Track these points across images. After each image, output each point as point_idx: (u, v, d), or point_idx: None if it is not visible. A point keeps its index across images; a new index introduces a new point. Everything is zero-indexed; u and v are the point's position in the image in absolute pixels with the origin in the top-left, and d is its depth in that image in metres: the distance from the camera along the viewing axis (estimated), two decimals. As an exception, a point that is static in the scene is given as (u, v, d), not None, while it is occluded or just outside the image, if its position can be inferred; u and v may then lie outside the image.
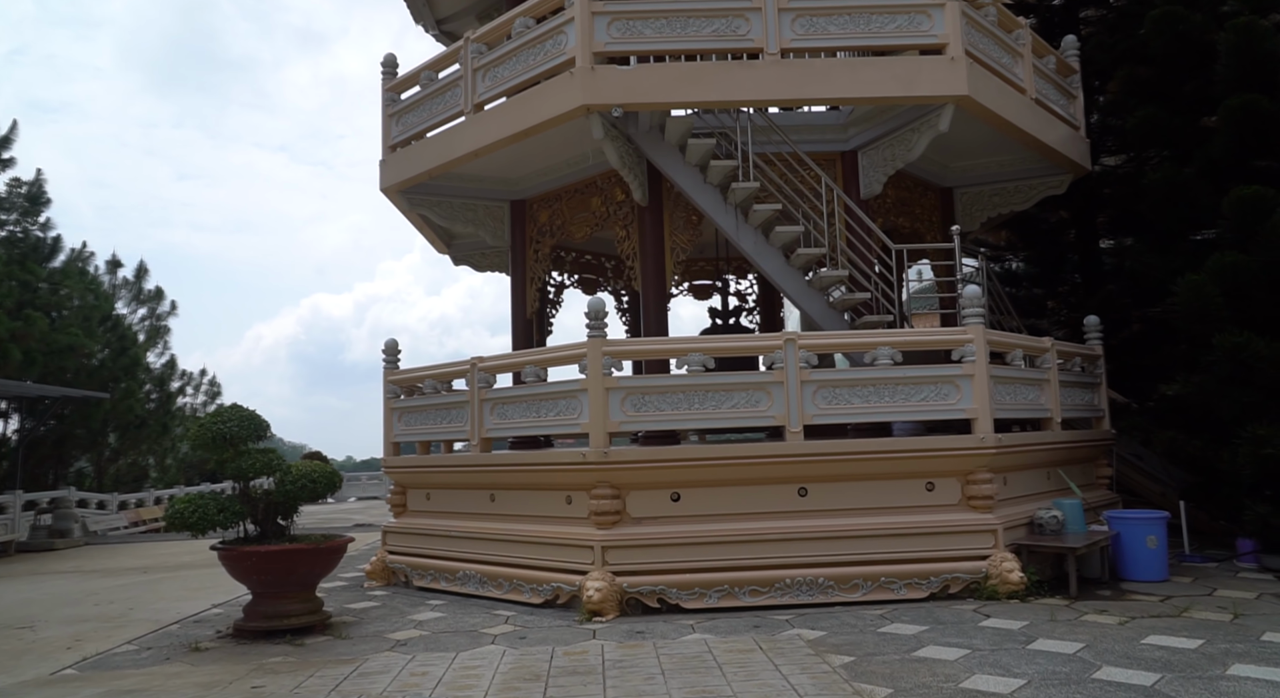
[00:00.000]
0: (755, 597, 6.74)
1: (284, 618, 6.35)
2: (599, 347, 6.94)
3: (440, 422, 8.40)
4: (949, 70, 7.41)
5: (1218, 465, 8.02)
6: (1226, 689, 4.31)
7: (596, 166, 9.03)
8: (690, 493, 6.98)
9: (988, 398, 7.00)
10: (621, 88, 7.33)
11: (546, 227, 9.71)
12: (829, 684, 4.58)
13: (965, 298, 7.20)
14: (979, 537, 6.89)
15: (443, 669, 5.23)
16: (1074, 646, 5.21)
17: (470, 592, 7.71)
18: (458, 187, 9.65)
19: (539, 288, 9.97)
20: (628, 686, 4.69)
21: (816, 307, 7.84)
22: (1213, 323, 7.86)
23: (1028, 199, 9.85)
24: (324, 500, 22.83)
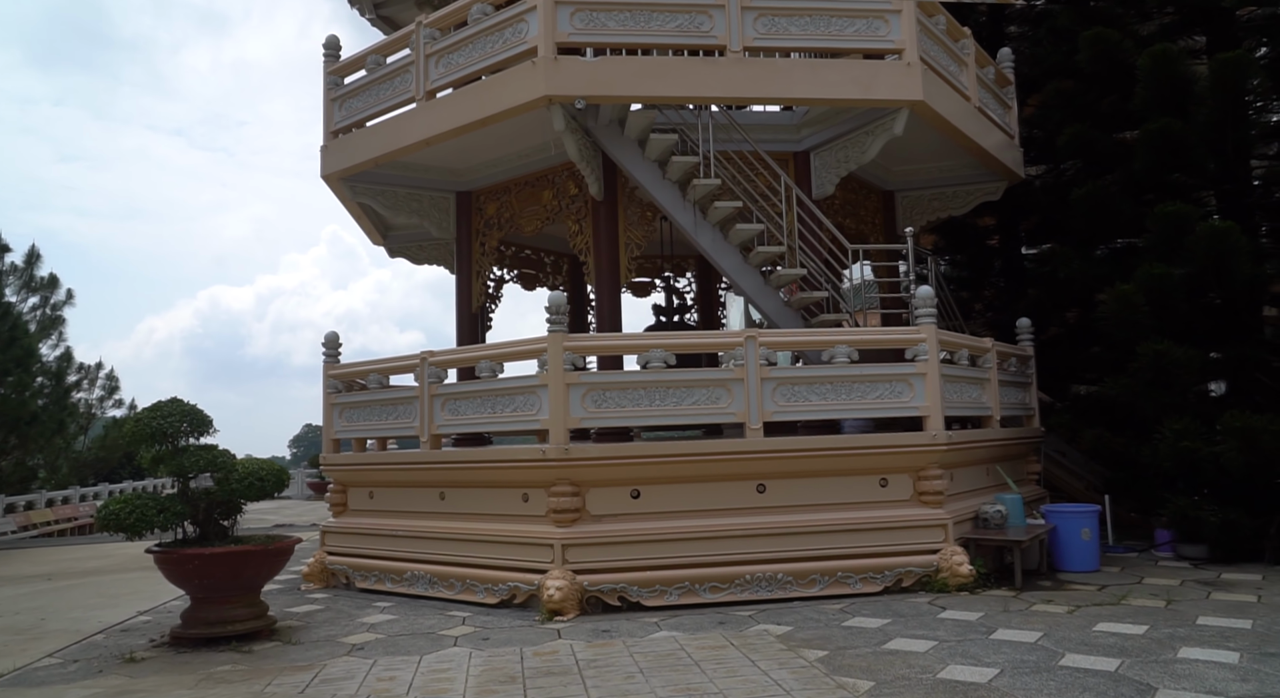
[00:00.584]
0: (716, 594, 6.75)
1: (228, 624, 6.02)
2: (560, 341, 6.83)
3: (386, 418, 8.12)
4: (905, 75, 7.59)
5: (1139, 461, 8.47)
6: (1182, 672, 4.53)
7: (549, 159, 8.89)
8: (650, 490, 6.94)
9: (939, 396, 7.20)
10: (585, 80, 7.23)
11: (494, 219, 9.52)
12: (811, 679, 4.61)
13: (918, 298, 7.39)
14: (930, 531, 7.08)
15: (410, 674, 5.04)
16: (1033, 635, 5.39)
17: (419, 593, 7.48)
18: (403, 176, 9.36)
19: (485, 282, 9.76)
20: (609, 685, 4.62)
21: (772, 304, 7.91)
22: (1138, 329, 8.29)
23: (965, 204, 10.19)
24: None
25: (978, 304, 13.04)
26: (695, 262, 13.32)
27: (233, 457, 6.35)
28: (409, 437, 8.37)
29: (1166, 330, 8.18)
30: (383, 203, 9.35)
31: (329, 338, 8.72)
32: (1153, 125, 8.49)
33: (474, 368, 8.29)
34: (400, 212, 9.46)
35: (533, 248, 12.14)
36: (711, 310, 13.30)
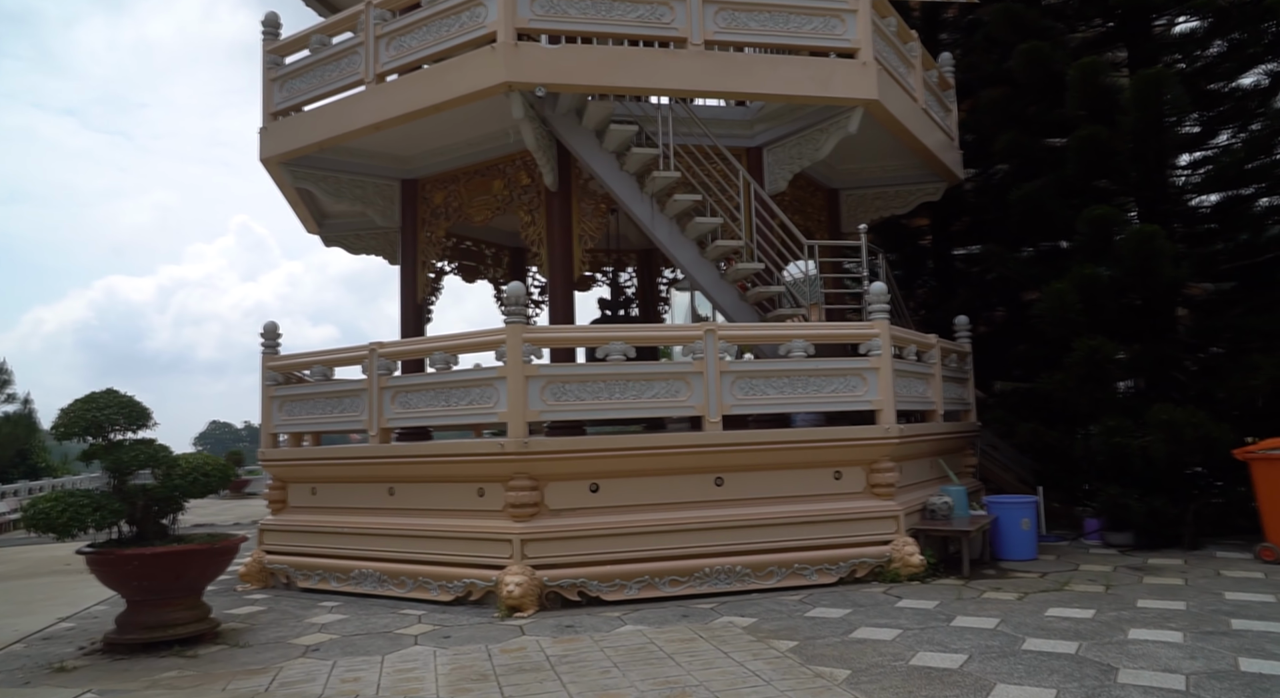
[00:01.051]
0: (675, 587, 6.74)
1: (169, 628, 5.70)
2: (519, 333, 6.70)
3: (330, 411, 7.84)
4: (861, 74, 7.71)
5: (1071, 453, 8.83)
6: (1136, 651, 4.73)
7: (500, 148, 8.73)
8: (609, 484, 6.88)
9: (891, 390, 7.35)
10: (546, 67, 7.11)
11: (441, 209, 9.28)
12: (787, 669, 4.64)
13: (872, 294, 7.53)
14: (883, 523, 7.22)
15: (375, 674, 4.87)
16: (991, 621, 5.55)
17: (368, 592, 7.24)
18: (347, 161, 9.04)
19: (432, 272, 9.51)
20: (587, 681, 4.55)
21: (728, 298, 7.94)
22: (1071, 327, 8.64)
23: (907, 204, 10.44)
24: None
25: (911, 302, 13.40)
26: (637, 256, 13.30)
27: (172, 452, 6.02)
28: (354, 431, 8.11)
29: (1096, 328, 8.55)
30: (325, 189, 9.01)
31: (268, 329, 8.36)
32: (1083, 132, 8.85)
33: (421, 361, 8.12)
34: (344, 198, 9.13)
35: (474, 239, 11.91)
36: (653, 305, 13.30)
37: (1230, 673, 4.31)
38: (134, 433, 5.97)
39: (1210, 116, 9.65)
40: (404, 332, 9.51)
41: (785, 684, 4.34)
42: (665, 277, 13.55)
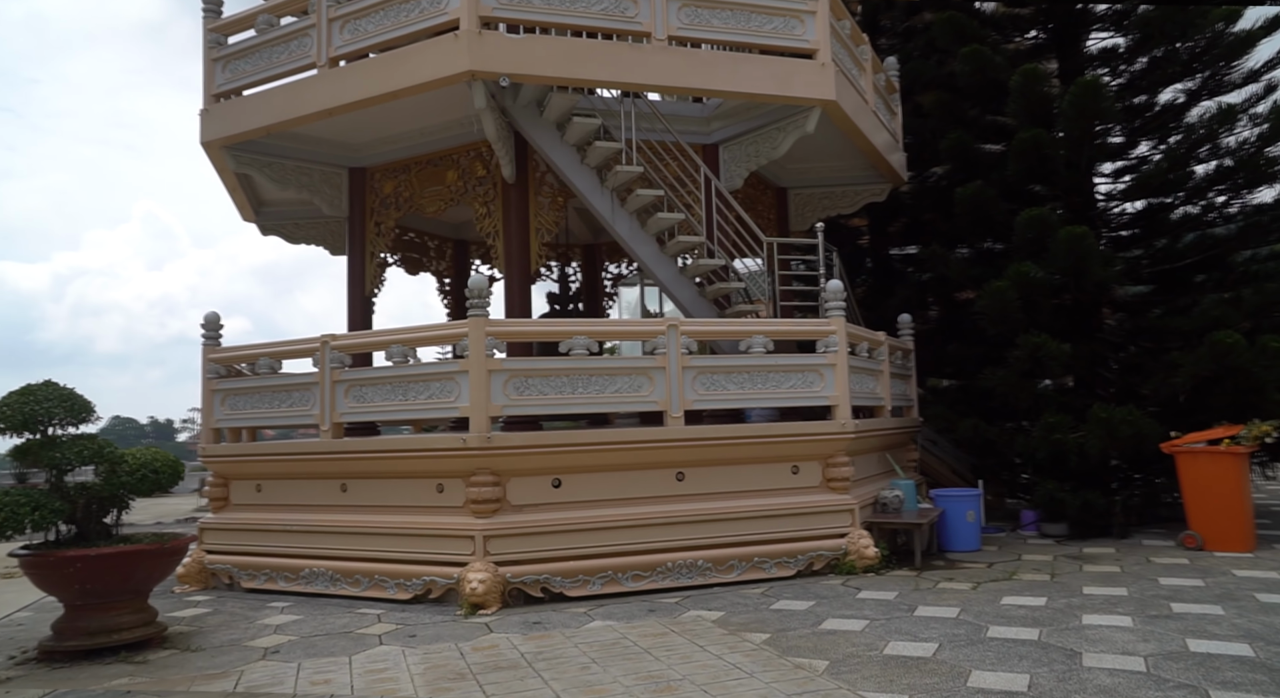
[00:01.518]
0: (638, 582, 6.74)
1: (114, 633, 5.42)
2: (482, 326, 6.60)
3: (278, 405, 7.57)
4: (820, 75, 7.83)
5: (1012, 448, 9.18)
6: (1093, 636, 4.95)
7: (454, 138, 8.57)
8: (572, 479, 6.84)
9: (847, 386, 7.50)
10: (511, 57, 7.00)
11: (391, 199, 9.05)
12: (766, 661, 4.69)
13: (829, 292, 7.67)
14: (838, 516, 7.37)
15: (345, 676, 4.73)
16: (952, 611, 5.73)
17: (320, 591, 7.03)
18: (294, 147, 8.73)
19: (379, 264, 9.27)
20: (568, 677, 4.52)
21: (687, 294, 7.98)
22: (1012, 324, 8.98)
23: (853, 204, 10.66)
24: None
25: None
26: (582, 251, 13.24)
27: (117, 447, 5.71)
28: (303, 426, 7.86)
29: (1035, 326, 8.90)
30: (270, 175, 8.68)
31: (209, 319, 8.02)
32: (1025, 135, 9.19)
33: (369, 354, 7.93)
34: (289, 186, 8.82)
35: (416, 231, 11.65)
36: (597, 300, 13.26)
37: (1182, 654, 4.55)
38: (75, 428, 5.65)
39: (1133, 128, 10.14)
40: (351, 324, 9.24)
41: (768, 677, 4.39)
42: (610, 272, 13.53)
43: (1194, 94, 9.71)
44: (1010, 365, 8.95)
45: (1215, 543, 7.69)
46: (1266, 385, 7.98)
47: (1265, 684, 4.02)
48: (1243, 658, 4.45)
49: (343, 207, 9.14)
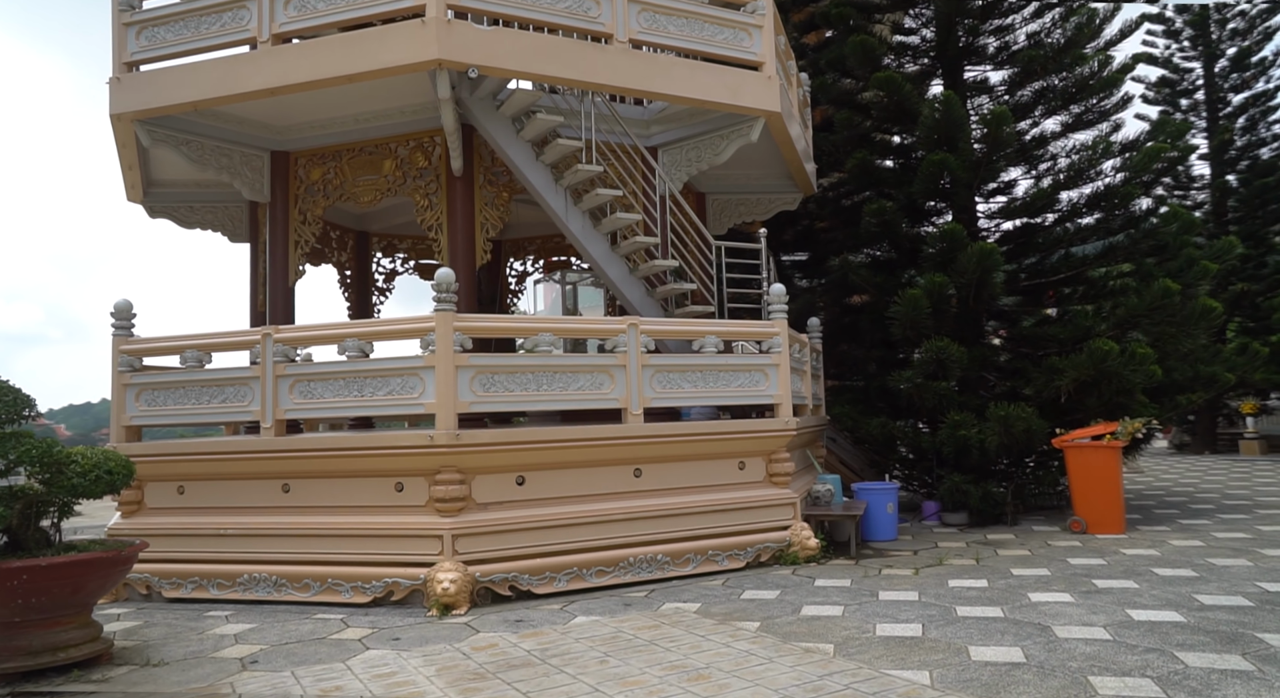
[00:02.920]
0: (602, 577, 6.81)
1: (61, 650, 4.93)
2: (449, 321, 6.46)
3: (209, 401, 7.06)
4: (766, 87, 8.17)
5: (919, 444, 9.91)
6: (1049, 611, 5.50)
7: (392, 127, 8.28)
8: (535, 476, 6.82)
9: (789, 385, 7.88)
10: (479, 48, 6.86)
11: (319, 186, 8.61)
12: (775, 646, 4.91)
13: (772, 295, 8.02)
14: (781, 509, 7.73)
15: (355, 681, 4.54)
16: (912, 595, 6.17)
17: (261, 598, 6.64)
18: (214, 126, 8.14)
19: (304, 254, 8.79)
20: (595, 672, 4.55)
21: (636, 293, 8.10)
22: (921, 329, 9.70)
23: (767, 211, 11.12)
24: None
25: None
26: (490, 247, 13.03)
27: (62, 446, 5.19)
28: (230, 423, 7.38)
29: (941, 330, 9.66)
30: (188, 154, 8.05)
31: (120, 308, 7.36)
32: (934, 157, 9.95)
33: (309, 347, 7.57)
34: (208, 166, 8.20)
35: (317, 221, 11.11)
36: (503, 297, 13.11)
37: (1131, 623, 5.15)
38: (16, 425, 5.09)
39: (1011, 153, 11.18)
40: (271, 318, 8.71)
41: (787, 661, 4.61)
42: (514, 269, 13.40)
43: (1068, 126, 10.83)
44: (917, 367, 9.67)
45: (1096, 527, 8.64)
46: (1134, 388, 9.06)
47: (1211, 644, 4.64)
48: (1180, 623, 5.10)
49: (264, 191, 8.60)
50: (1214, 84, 22.86)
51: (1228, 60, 22.53)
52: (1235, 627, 5.02)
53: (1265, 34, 22.33)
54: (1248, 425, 20.21)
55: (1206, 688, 3.96)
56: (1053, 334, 10.08)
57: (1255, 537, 8.25)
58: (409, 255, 12.67)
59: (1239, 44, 22.43)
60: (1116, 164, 10.43)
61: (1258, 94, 22.27)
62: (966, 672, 4.32)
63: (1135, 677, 4.15)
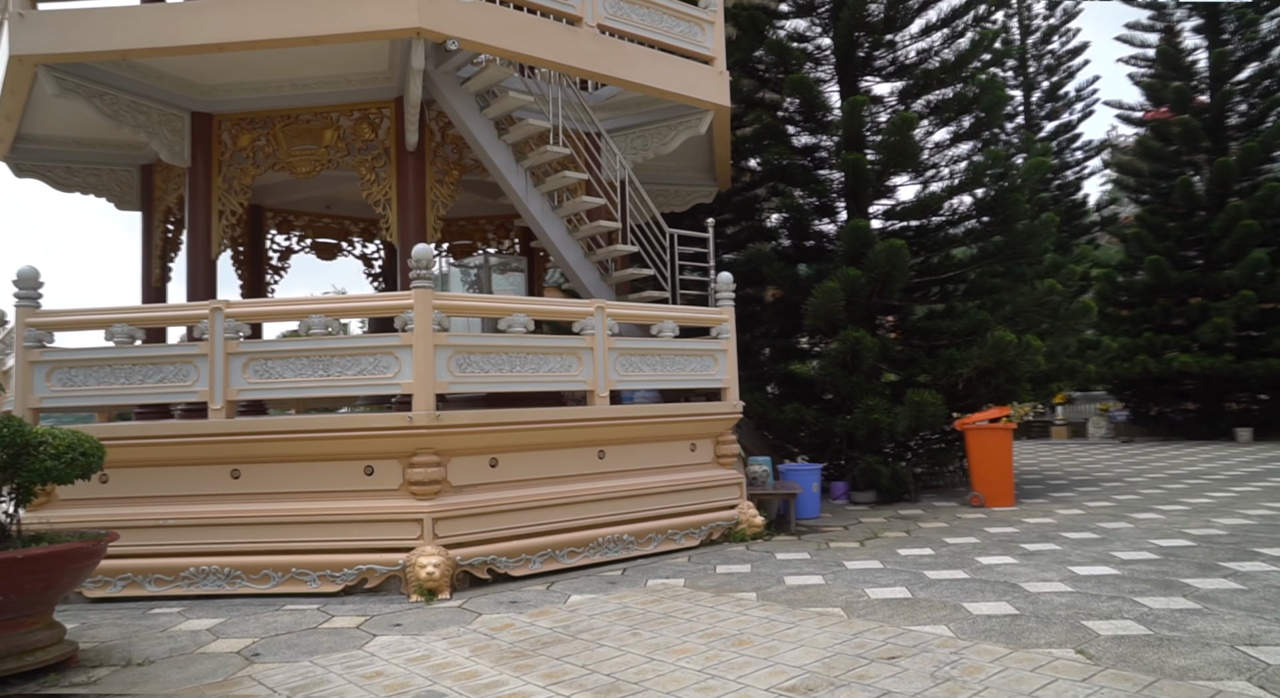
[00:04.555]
0: (573, 558, 6.85)
1: (30, 654, 4.43)
2: (428, 299, 6.27)
3: (144, 380, 6.47)
4: (718, 82, 8.43)
5: (831, 428, 10.53)
6: (1006, 571, 6.07)
7: (335, 95, 7.87)
8: (507, 458, 6.75)
9: (735, 370, 8.19)
10: (459, 21, 6.66)
11: (248, 153, 8.02)
12: (788, 612, 5.17)
13: (720, 283, 8.30)
14: (729, 489, 8.04)
15: (398, 668, 4.39)
16: (874, 563, 6.63)
17: (211, 592, 6.19)
18: (132, 79, 7.40)
19: (230, 225, 8.16)
20: (637, 643, 4.63)
21: (591, 277, 8.14)
22: (835, 320, 10.31)
23: (685, 203, 11.41)
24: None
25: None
26: (387, 227, 12.57)
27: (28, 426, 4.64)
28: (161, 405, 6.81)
29: (854, 321, 10.32)
30: (101, 108, 7.27)
31: (24, 275, 6.58)
32: (849, 157, 10.60)
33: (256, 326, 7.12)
34: (124, 124, 7.44)
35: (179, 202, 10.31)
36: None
37: (1080, 577, 5.81)
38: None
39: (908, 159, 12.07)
40: (191, 293, 8.02)
41: (811, 624, 4.88)
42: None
43: (957, 136, 11.82)
44: (830, 356, 10.28)
45: (992, 501, 9.56)
46: (1023, 376, 10.07)
47: (1154, 590, 5.34)
48: (1117, 576, 5.82)
49: (184, 155, 7.92)
50: (1031, 111, 25.62)
51: (1041, 92, 25.37)
52: (1161, 575, 5.79)
53: (1069, 73, 25.32)
54: (1058, 413, 22.75)
55: (1178, 624, 4.58)
56: (946, 327, 10.99)
57: (1118, 504, 9.41)
58: (305, 233, 12.01)
59: (1050, 79, 25.31)
60: (998, 172, 11.48)
61: (1064, 124, 25.26)
62: (977, 624, 4.75)
63: (1119, 619, 4.73)
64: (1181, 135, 20.40)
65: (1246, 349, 19.08)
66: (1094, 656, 4.10)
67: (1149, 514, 8.64)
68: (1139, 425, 20.95)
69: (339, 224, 12.33)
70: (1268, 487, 10.65)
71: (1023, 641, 4.42)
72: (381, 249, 12.75)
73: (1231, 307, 18.45)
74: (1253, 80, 20.76)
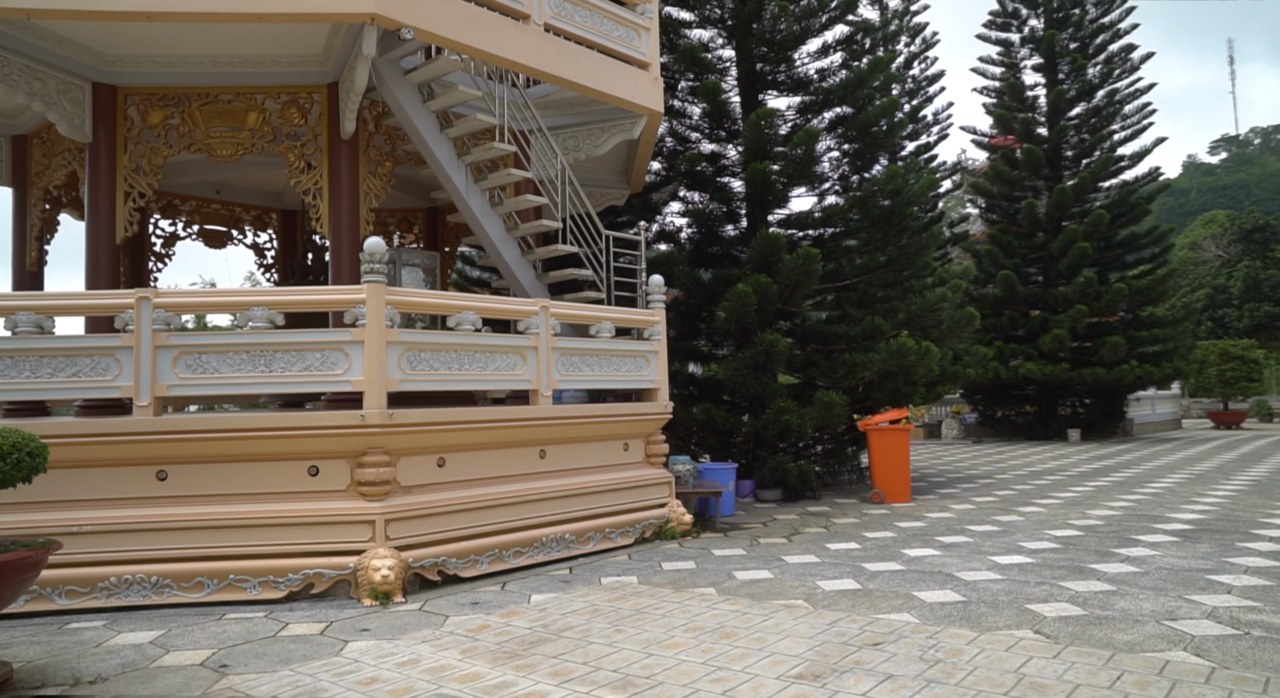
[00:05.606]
0: (518, 558, 6.81)
1: (-32, 673, 4.03)
2: (381, 293, 6.08)
3: (53, 375, 5.91)
4: (653, 88, 8.57)
5: (740, 429, 10.90)
6: (935, 562, 6.54)
7: (259, 76, 7.44)
8: (454, 458, 6.63)
9: (666, 371, 8.38)
10: (414, 10, 6.44)
11: (160, 131, 7.44)
12: (756, 605, 5.39)
13: (652, 285, 8.45)
14: (660, 488, 8.21)
15: (393, 673, 4.26)
16: (811, 558, 6.96)
17: (134, 603, 5.73)
18: (25, 41, 6.72)
19: (137, 208, 7.53)
20: (626, 639, 4.70)
21: (527, 276, 8.09)
22: (745, 323, 10.69)
23: (599, 204, 11.46)
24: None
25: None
26: (280, 216, 11.98)
27: (-36, 423, 4.18)
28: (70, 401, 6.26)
29: (764, 325, 10.74)
30: (-7, 73, 6.58)
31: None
32: (757, 166, 11.01)
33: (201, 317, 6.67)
34: (18, 90, 6.73)
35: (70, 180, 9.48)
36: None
37: (1001, 567, 6.34)
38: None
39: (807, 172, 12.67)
40: (91, 281, 7.35)
41: (783, 616, 5.11)
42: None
43: (859, 151, 12.50)
44: (741, 359, 10.65)
45: (892, 497, 10.20)
46: (919, 379, 10.80)
47: (1071, 575, 5.91)
48: (1034, 563, 6.39)
49: (85, 129, 7.25)
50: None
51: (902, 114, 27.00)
52: (1069, 562, 6.42)
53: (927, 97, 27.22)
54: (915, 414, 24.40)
55: (1106, 604, 5.13)
56: (843, 332, 11.60)
57: (1000, 499, 10.27)
58: (192, 219, 11.24)
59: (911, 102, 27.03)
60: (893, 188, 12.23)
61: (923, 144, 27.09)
62: (935, 611, 5.13)
63: (1055, 602, 5.23)
64: (1026, 162, 22.36)
65: (1078, 358, 21.17)
66: (1050, 635, 4.54)
67: (1031, 508, 9.48)
68: (986, 427, 22.78)
69: (229, 211, 11.61)
70: (1114, 481, 11.91)
71: (983, 624, 4.81)
72: (274, 239, 12.11)
73: (1068, 319, 20.42)
74: (1083, 117, 23.06)
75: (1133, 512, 9.00)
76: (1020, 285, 21.44)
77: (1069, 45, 23.65)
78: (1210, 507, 9.24)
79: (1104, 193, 22.99)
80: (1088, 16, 23.65)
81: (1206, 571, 6.00)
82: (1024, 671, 3.95)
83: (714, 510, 9.28)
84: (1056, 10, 23.92)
